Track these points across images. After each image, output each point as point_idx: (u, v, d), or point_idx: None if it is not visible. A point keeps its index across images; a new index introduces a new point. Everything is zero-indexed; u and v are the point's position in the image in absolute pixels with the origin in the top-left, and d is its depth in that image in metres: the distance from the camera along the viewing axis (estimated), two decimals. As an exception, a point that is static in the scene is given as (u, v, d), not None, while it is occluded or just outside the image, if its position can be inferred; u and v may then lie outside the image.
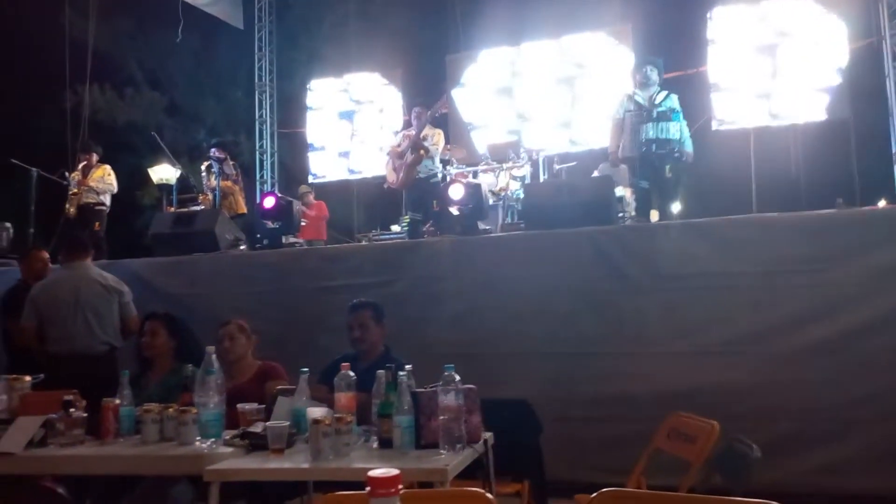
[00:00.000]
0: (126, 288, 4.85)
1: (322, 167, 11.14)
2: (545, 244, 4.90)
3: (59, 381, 3.29)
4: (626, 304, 4.59)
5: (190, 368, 3.45)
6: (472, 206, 5.91)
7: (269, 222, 6.34)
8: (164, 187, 9.51)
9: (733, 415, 3.74)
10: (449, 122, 9.67)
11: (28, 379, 3.19)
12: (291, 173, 13.02)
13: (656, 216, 5.97)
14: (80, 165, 7.87)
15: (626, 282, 4.62)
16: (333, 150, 11.08)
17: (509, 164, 7.64)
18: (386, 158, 7.69)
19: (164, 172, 9.64)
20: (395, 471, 1.20)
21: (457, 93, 10.02)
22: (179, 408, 2.79)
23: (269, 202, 6.49)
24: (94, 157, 7.90)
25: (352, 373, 2.78)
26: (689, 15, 9.41)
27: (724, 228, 4.62)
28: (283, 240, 6.28)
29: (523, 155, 7.71)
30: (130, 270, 5.60)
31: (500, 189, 7.46)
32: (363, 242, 7.26)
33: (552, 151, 8.58)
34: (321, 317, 5.03)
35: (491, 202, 7.16)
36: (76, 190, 7.73)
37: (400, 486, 1.19)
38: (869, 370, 4.07)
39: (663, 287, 4.53)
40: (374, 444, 2.61)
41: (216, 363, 2.79)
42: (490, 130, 9.87)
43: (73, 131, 10.16)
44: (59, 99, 11.55)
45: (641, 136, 6.04)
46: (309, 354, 3.90)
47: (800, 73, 8.34)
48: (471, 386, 2.61)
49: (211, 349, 2.84)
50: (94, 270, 4.86)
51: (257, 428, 2.70)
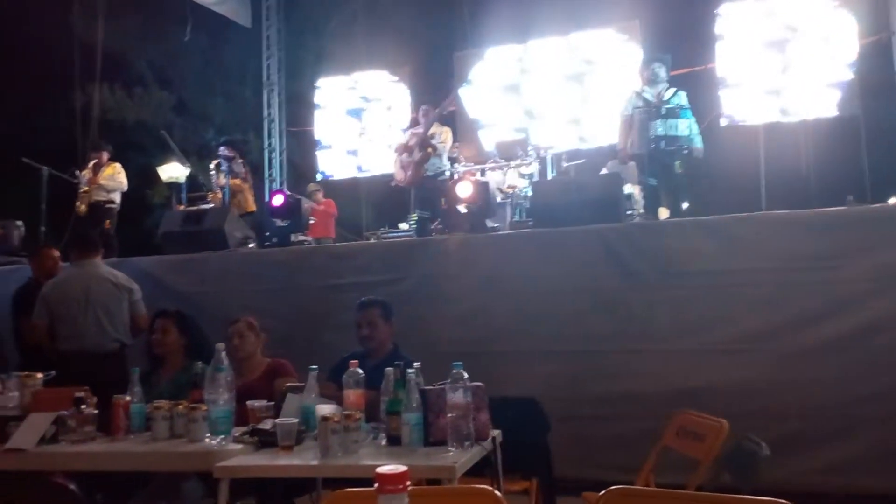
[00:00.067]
0: (136, 286, 4.88)
1: (330, 165, 11.15)
2: (553, 242, 4.90)
3: (70, 379, 3.32)
4: (634, 301, 4.58)
5: (200, 366, 3.47)
6: (480, 203, 5.91)
7: (278, 220, 6.36)
8: (174, 186, 9.54)
9: (742, 413, 3.73)
10: (457, 120, 9.66)
11: (40, 376, 3.21)
12: (300, 171, 13.03)
13: (665, 214, 5.95)
14: (91, 164, 7.93)
15: (634, 279, 4.61)
16: (342, 148, 11.08)
17: (517, 161, 7.63)
18: (394, 156, 7.71)
19: (173, 171, 9.68)
20: (403, 467, 1.20)
21: (464, 90, 10.00)
22: (189, 405, 2.81)
23: (277, 200, 6.51)
24: (105, 155, 7.96)
25: (360, 370, 2.80)
26: (698, 11, 9.34)
27: (733, 226, 4.60)
28: (292, 238, 6.30)
29: (531, 152, 7.70)
30: (140, 268, 5.64)
31: (509, 187, 7.45)
32: (371, 240, 7.26)
33: (561, 149, 8.55)
34: (330, 314, 5.04)
35: (499, 200, 7.15)
36: (87, 188, 7.78)
37: (408, 482, 1.20)
38: (879, 368, 4.05)
39: (672, 285, 4.52)
40: (383, 442, 2.62)
41: (226, 360, 2.80)
42: (498, 128, 9.84)
43: (82, 130, 10.22)
44: (68, 98, 11.62)
45: (650, 133, 6.02)
46: (318, 352, 3.92)
47: (810, 68, 8.28)
48: (479, 383, 2.61)
49: (221, 346, 2.85)
50: (105, 268, 4.89)
51: (267, 425, 2.71)
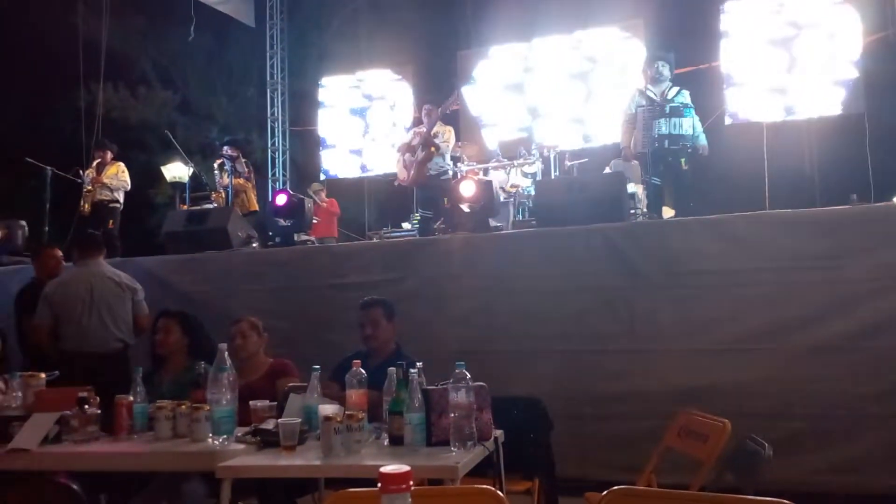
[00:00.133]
0: (139, 286, 4.89)
1: (334, 164, 11.16)
2: (556, 241, 4.88)
3: (74, 379, 3.33)
4: (637, 301, 4.57)
5: (202, 365, 3.47)
6: (483, 203, 5.90)
7: (281, 220, 6.37)
8: (177, 185, 9.57)
9: (746, 413, 3.73)
10: (460, 119, 9.67)
11: (43, 376, 3.22)
12: (303, 171, 13.06)
13: (668, 212, 5.94)
14: (95, 163, 7.94)
15: (637, 279, 4.60)
16: (345, 148, 11.09)
17: (520, 160, 7.63)
18: (397, 156, 7.71)
19: (176, 170, 9.70)
20: (406, 467, 1.21)
21: (468, 89, 10.00)
22: (192, 405, 2.81)
23: (281, 200, 6.51)
24: (109, 154, 7.97)
25: (363, 370, 2.80)
26: (702, 8, 9.31)
27: (737, 225, 4.59)
28: (295, 237, 6.30)
29: (534, 151, 7.69)
30: (144, 268, 5.64)
31: (512, 186, 7.45)
32: (374, 240, 7.27)
33: (565, 147, 8.55)
34: (332, 314, 5.04)
35: (502, 199, 7.16)
36: (90, 187, 7.79)
37: (411, 482, 1.20)
38: (883, 367, 4.04)
39: (675, 284, 4.50)
40: (385, 442, 2.62)
41: (228, 360, 2.80)
42: (501, 127, 9.84)
43: (87, 130, 10.23)
44: (73, 98, 11.64)
45: (654, 131, 6.01)
46: (320, 352, 3.91)
47: (816, 66, 8.25)
48: (481, 383, 2.61)
49: (223, 346, 2.85)
50: (108, 268, 4.90)
51: (269, 425, 2.71)
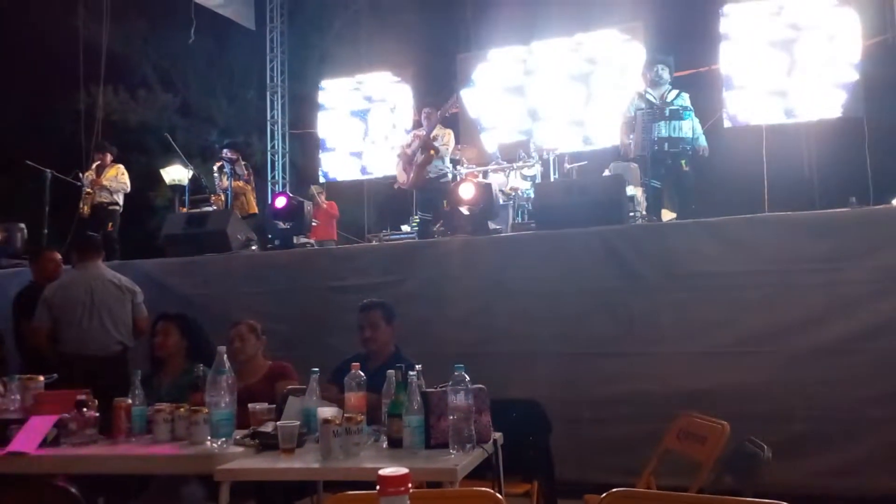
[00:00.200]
0: (138, 288, 4.89)
1: (334, 167, 11.16)
2: (556, 244, 4.89)
3: (72, 381, 3.32)
4: (637, 304, 4.57)
5: (201, 368, 3.46)
6: (482, 205, 5.90)
7: (281, 223, 6.36)
8: (177, 188, 9.56)
9: (746, 415, 3.72)
10: (459, 122, 9.67)
11: (41, 379, 3.21)
12: (303, 174, 13.06)
13: (667, 215, 5.93)
14: (94, 165, 7.96)
15: (637, 282, 4.60)
16: (345, 151, 11.09)
17: (520, 163, 7.63)
18: (396, 159, 7.71)
19: (176, 173, 9.70)
20: (404, 470, 1.20)
21: (467, 92, 10.00)
22: (191, 407, 2.81)
23: (280, 202, 6.51)
24: (109, 156, 7.98)
25: (362, 373, 2.80)
26: (702, 11, 9.31)
27: (736, 227, 4.59)
28: (295, 240, 6.30)
29: (534, 154, 7.69)
30: (143, 271, 5.64)
31: (511, 189, 7.44)
32: (373, 242, 7.27)
33: (564, 150, 8.54)
34: (332, 317, 5.04)
35: (501, 202, 7.15)
36: (90, 189, 7.80)
37: (409, 485, 1.20)
38: (883, 369, 4.03)
39: (675, 287, 4.50)
40: (384, 444, 2.62)
41: (227, 363, 2.80)
42: (501, 130, 9.84)
43: (86, 132, 10.23)
44: (72, 100, 11.64)
45: (653, 134, 6.01)
46: (319, 354, 3.92)
47: (816, 68, 8.24)
48: (480, 386, 2.61)
49: (222, 349, 2.85)
50: (108, 271, 4.91)
51: (268, 428, 2.71)
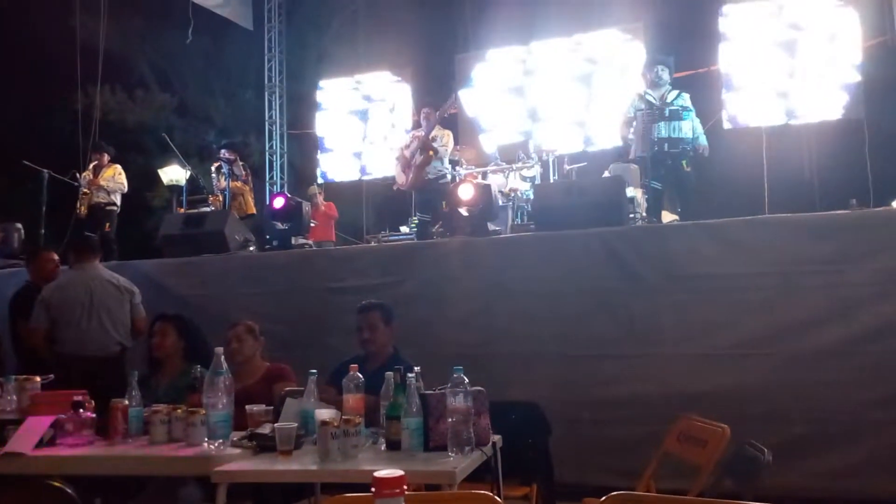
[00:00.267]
0: (136, 289, 4.89)
1: (332, 168, 11.13)
2: (555, 245, 4.87)
3: (69, 382, 3.30)
4: (636, 305, 4.55)
5: (199, 369, 3.45)
6: (481, 206, 5.90)
7: (279, 223, 6.36)
8: (174, 188, 9.54)
9: (746, 418, 3.72)
10: (458, 123, 9.65)
11: (38, 379, 3.20)
12: (301, 174, 13.05)
13: (668, 217, 5.92)
14: (92, 165, 7.94)
15: (636, 283, 4.58)
16: (343, 151, 11.06)
17: (519, 164, 7.62)
18: (395, 161, 7.69)
19: (174, 173, 9.68)
20: (399, 471, 1.20)
21: (466, 93, 9.99)
22: (188, 409, 2.79)
23: (278, 203, 6.50)
24: (106, 157, 7.97)
25: (360, 374, 2.78)
26: (702, 11, 9.30)
27: (736, 229, 4.57)
28: (293, 241, 6.29)
29: (533, 155, 7.68)
30: (140, 271, 5.63)
31: (510, 190, 7.43)
32: (372, 243, 7.25)
33: (564, 151, 8.53)
34: (330, 318, 5.02)
35: (500, 203, 7.13)
36: (87, 190, 7.78)
37: (405, 486, 1.19)
38: (884, 372, 4.02)
39: (675, 288, 4.49)
40: (382, 447, 2.61)
41: (225, 364, 2.78)
42: (500, 131, 9.82)
43: (84, 132, 10.21)
44: (70, 100, 11.62)
45: (653, 134, 6.01)
46: (318, 356, 3.91)
47: (818, 70, 8.22)
48: (479, 388, 2.59)
49: (219, 350, 2.83)
50: (105, 271, 4.90)
51: (265, 429, 2.69)
